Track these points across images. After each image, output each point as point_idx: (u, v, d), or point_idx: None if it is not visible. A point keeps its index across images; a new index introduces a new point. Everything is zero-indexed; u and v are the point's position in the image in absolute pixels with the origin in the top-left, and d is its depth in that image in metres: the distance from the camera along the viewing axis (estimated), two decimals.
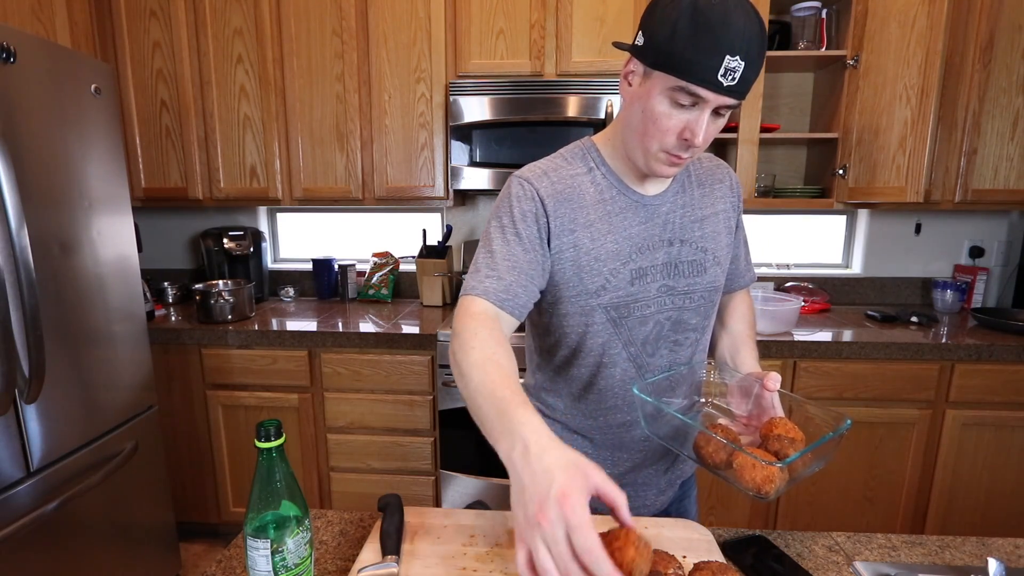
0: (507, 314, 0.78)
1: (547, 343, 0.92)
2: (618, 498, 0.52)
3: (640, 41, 0.74)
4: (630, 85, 0.78)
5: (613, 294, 0.83)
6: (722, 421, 0.82)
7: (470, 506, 1.94)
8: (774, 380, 0.76)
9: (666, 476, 0.98)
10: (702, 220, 0.89)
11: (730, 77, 0.68)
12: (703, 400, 0.90)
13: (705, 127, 0.72)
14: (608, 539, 0.52)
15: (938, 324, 2.03)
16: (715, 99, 0.70)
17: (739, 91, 0.69)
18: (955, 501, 1.86)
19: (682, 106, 0.72)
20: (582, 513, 0.47)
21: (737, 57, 0.67)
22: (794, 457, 0.65)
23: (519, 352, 1.56)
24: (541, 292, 0.85)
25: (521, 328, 0.98)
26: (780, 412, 0.78)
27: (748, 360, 0.95)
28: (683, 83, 0.69)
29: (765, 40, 0.70)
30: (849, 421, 0.71)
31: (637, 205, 0.85)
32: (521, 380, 0.75)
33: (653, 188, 0.87)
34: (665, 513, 1.02)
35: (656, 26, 0.70)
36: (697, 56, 0.67)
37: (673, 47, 0.68)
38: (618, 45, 0.83)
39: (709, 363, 0.92)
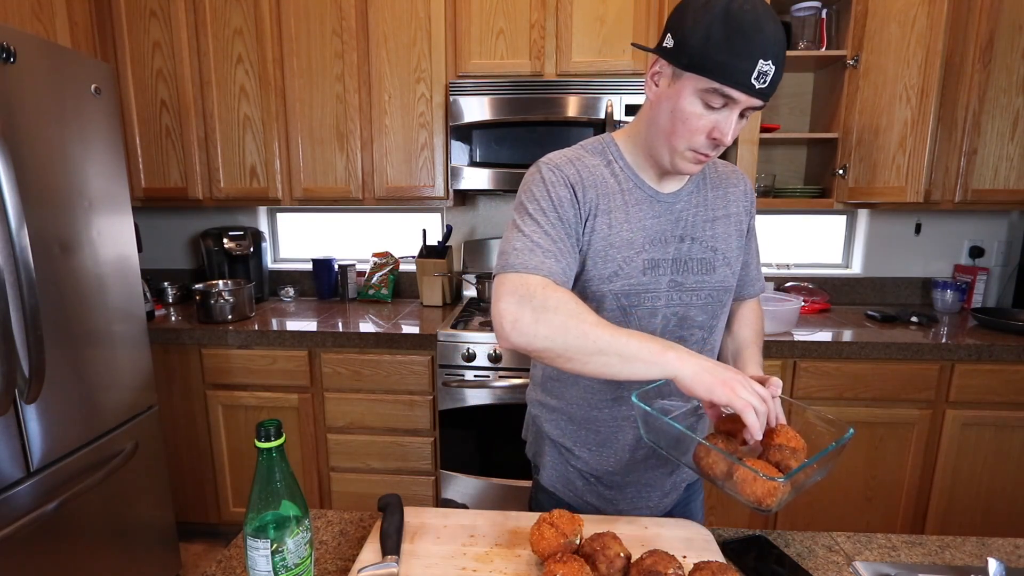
0: None
1: None
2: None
3: (669, 43, 0.76)
4: (656, 86, 0.80)
5: (625, 281, 0.85)
6: None
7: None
8: (775, 386, 0.76)
9: (671, 479, 0.98)
10: (714, 221, 0.91)
11: (762, 80, 0.71)
12: None
13: (733, 127, 0.75)
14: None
15: (938, 324, 2.03)
16: (746, 100, 0.73)
17: (768, 93, 0.73)
18: (955, 501, 1.86)
19: (712, 107, 0.74)
20: (751, 379, 0.71)
21: (770, 61, 0.70)
22: (796, 471, 0.65)
23: None
24: None
25: None
26: (781, 416, 0.78)
27: (750, 365, 0.95)
28: (717, 85, 0.72)
29: (786, 44, 0.73)
30: (852, 430, 0.70)
31: (652, 199, 0.87)
32: (521, 380, 0.76)
33: (669, 186, 0.89)
34: (669, 515, 1.02)
35: (688, 29, 0.72)
36: (732, 60, 0.70)
37: (708, 50, 0.70)
38: (639, 47, 0.87)
39: None
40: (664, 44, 0.77)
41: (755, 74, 0.70)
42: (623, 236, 0.85)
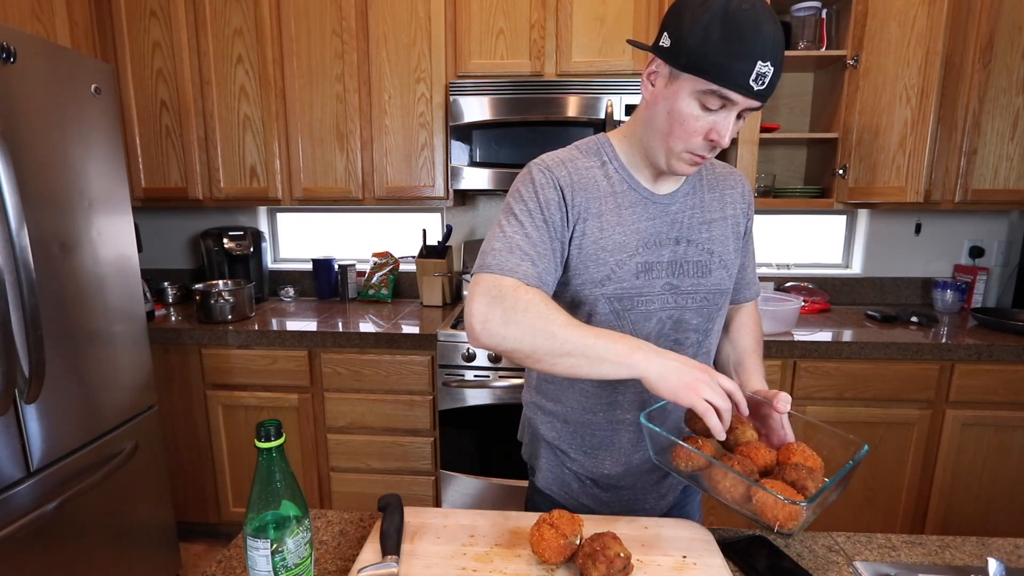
0: None
1: None
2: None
3: (666, 43, 0.74)
4: (653, 85, 0.79)
5: (617, 285, 0.84)
6: None
7: None
8: (784, 401, 0.75)
9: (667, 481, 0.98)
10: (710, 223, 0.90)
11: (760, 82, 0.70)
12: None
13: (731, 128, 0.75)
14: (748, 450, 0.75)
15: (938, 324, 2.03)
16: (744, 102, 0.72)
17: (766, 94, 0.72)
18: (955, 501, 1.86)
19: (710, 109, 0.74)
20: (717, 373, 0.72)
21: (768, 62, 0.69)
22: (818, 494, 0.64)
23: None
24: None
25: None
26: (790, 433, 0.77)
27: (753, 376, 0.94)
28: (715, 87, 0.71)
29: (784, 44, 0.72)
30: (866, 447, 0.69)
31: (647, 201, 0.86)
32: (520, 380, 0.76)
33: (664, 187, 0.88)
34: (666, 517, 1.02)
35: (685, 29, 0.71)
36: (731, 61, 0.69)
37: (706, 51, 0.69)
38: (635, 44, 0.84)
39: None
40: (661, 43, 0.76)
41: (754, 76, 0.69)
42: (615, 239, 0.84)
